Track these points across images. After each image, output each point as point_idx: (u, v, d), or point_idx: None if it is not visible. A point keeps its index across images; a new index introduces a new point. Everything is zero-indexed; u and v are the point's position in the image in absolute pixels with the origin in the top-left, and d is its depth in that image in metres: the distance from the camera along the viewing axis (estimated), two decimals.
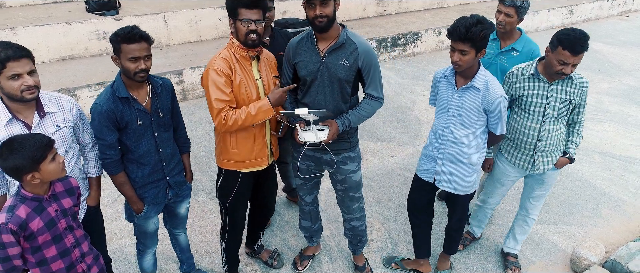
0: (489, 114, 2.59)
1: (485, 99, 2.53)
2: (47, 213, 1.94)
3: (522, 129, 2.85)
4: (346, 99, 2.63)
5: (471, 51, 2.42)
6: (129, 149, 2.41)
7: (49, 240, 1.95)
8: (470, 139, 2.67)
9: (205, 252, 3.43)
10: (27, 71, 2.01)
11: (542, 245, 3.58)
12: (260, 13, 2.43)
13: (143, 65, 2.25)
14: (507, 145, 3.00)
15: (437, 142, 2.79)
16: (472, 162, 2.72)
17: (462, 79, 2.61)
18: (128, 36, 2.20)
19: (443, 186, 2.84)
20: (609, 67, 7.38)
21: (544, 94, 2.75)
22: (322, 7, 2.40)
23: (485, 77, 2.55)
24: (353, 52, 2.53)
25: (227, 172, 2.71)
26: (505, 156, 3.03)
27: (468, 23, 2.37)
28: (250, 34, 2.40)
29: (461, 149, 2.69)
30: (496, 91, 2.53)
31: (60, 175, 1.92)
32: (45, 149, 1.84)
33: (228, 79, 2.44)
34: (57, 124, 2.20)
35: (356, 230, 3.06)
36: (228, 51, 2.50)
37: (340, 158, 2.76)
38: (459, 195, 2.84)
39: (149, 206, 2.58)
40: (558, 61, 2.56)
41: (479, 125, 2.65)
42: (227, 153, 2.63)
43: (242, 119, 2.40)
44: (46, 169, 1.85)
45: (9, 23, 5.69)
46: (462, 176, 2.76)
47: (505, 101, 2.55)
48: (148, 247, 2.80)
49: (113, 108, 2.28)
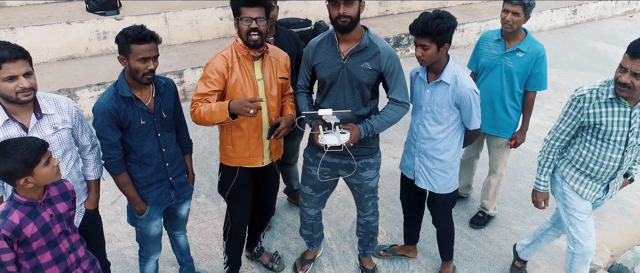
0: (460, 108, 2.58)
1: (455, 93, 2.52)
2: (41, 218, 1.89)
3: (599, 160, 2.47)
4: (366, 103, 2.59)
5: (431, 45, 2.41)
6: (132, 149, 2.38)
7: (43, 245, 1.90)
8: (444, 136, 2.66)
9: (205, 255, 3.38)
10: (23, 73, 1.97)
11: (547, 249, 3.52)
12: (262, 11, 2.39)
13: (152, 65, 2.23)
14: (575, 173, 2.61)
15: (413, 139, 2.80)
16: (448, 158, 2.70)
17: (433, 75, 2.61)
18: (138, 37, 2.17)
19: (422, 184, 2.82)
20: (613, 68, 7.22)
21: (625, 120, 2.36)
22: (345, 6, 2.35)
23: (454, 71, 2.54)
24: (375, 55, 2.48)
25: (225, 167, 2.75)
26: (571, 185, 2.62)
27: (426, 18, 2.39)
28: (251, 32, 2.37)
29: (435, 145, 2.69)
30: (465, 84, 2.51)
31: (54, 179, 1.88)
32: (38, 152, 1.79)
33: (220, 77, 2.45)
34: (55, 126, 2.16)
35: (369, 226, 3.02)
36: (231, 49, 2.50)
37: (360, 164, 2.71)
38: (439, 195, 2.81)
39: (152, 207, 2.54)
40: (618, 68, 2.26)
41: (451, 120, 2.62)
42: (225, 149, 2.68)
43: (203, 112, 2.38)
44: (40, 174, 1.81)
45: (9, 23, 5.66)
46: (440, 173, 2.73)
47: (475, 94, 2.53)
48: (151, 254, 2.76)
49: (116, 107, 2.25)
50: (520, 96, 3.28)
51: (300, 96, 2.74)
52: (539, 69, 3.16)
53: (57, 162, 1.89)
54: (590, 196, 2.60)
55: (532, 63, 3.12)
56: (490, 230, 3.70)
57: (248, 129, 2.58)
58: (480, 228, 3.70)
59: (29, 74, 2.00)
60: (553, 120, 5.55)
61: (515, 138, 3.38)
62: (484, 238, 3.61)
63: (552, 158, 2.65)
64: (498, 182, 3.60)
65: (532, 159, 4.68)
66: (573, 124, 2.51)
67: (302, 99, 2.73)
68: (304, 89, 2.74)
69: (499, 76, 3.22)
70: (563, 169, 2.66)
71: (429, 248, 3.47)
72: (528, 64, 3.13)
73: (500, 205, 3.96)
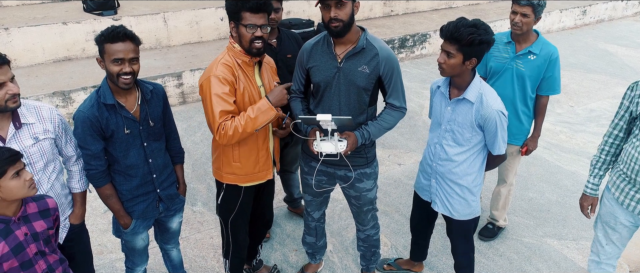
0: (484, 130, 2.34)
1: (479, 114, 2.28)
2: (14, 236, 1.73)
3: None
4: (363, 110, 2.41)
5: (457, 54, 2.17)
6: (116, 159, 2.23)
7: (15, 266, 1.74)
8: (464, 158, 2.41)
9: (201, 268, 3.22)
10: (9, 78, 1.86)
11: (560, 262, 3.34)
12: (266, 17, 2.22)
13: (127, 68, 2.05)
14: (617, 178, 2.38)
15: (430, 159, 2.56)
16: (467, 184, 2.46)
17: (456, 90, 2.37)
18: (111, 35, 2.02)
19: (439, 208, 2.60)
20: (624, 70, 7.10)
21: None
22: (337, 8, 2.19)
23: (479, 89, 2.30)
24: (373, 57, 2.31)
25: (228, 187, 2.50)
26: (612, 192, 2.40)
27: (460, 23, 2.15)
28: (255, 41, 2.19)
29: (453, 168, 2.44)
30: (491, 104, 2.26)
31: (26, 194, 1.72)
32: (4, 163, 1.64)
33: (232, 87, 2.23)
34: (36, 136, 2.01)
35: (370, 240, 2.86)
36: (229, 56, 2.29)
37: (356, 175, 2.54)
38: (457, 220, 2.57)
39: (137, 221, 2.39)
40: None
41: (474, 142, 2.38)
42: (230, 167, 2.43)
43: (242, 126, 2.18)
44: (7, 187, 1.65)
45: (3, 23, 5.51)
46: (458, 198, 2.50)
47: (502, 117, 2.27)
48: (137, 265, 2.61)
49: (97, 115, 2.09)
50: (532, 100, 3.10)
51: (294, 101, 2.56)
52: (552, 72, 2.98)
53: (31, 176, 1.72)
54: (628, 205, 2.31)
55: (545, 66, 2.95)
56: (500, 242, 3.52)
57: (257, 142, 2.40)
58: (490, 240, 3.52)
59: (13, 79, 1.89)
60: (563, 125, 5.36)
61: (526, 144, 3.20)
62: (494, 252, 3.43)
63: (603, 157, 2.44)
64: (508, 192, 3.42)
65: (543, 166, 4.49)
66: (625, 116, 2.30)
67: (296, 105, 2.55)
68: (298, 94, 2.57)
69: (510, 81, 3.04)
70: (611, 177, 2.43)
71: (435, 262, 3.29)
72: (540, 67, 2.95)
73: (510, 215, 3.78)
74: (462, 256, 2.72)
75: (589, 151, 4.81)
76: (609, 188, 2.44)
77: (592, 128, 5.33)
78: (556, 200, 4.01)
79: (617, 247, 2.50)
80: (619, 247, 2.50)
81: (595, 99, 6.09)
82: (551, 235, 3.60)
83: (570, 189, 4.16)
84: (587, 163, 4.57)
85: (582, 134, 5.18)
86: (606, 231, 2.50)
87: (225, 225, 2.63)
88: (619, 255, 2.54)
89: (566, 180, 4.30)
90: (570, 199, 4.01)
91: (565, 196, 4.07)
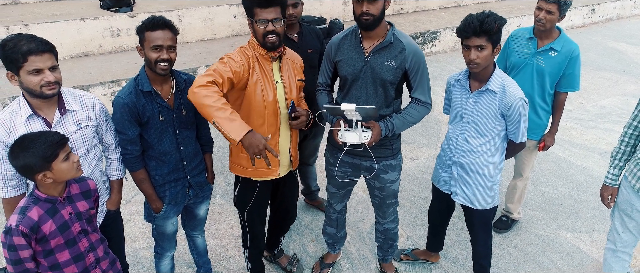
0: (507, 119, 2.40)
1: (503, 103, 2.34)
2: (60, 215, 1.82)
3: None
4: (389, 103, 2.48)
5: (488, 45, 2.25)
6: (151, 145, 2.32)
7: (61, 243, 1.83)
8: (486, 148, 2.48)
9: (222, 257, 3.30)
10: (48, 67, 1.92)
11: (573, 254, 3.40)
12: (278, 11, 2.25)
13: (165, 55, 2.15)
14: (634, 167, 2.43)
15: (451, 152, 2.61)
16: (489, 173, 2.53)
17: (477, 83, 2.43)
18: (151, 23, 2.13)
19: (459, 199, 2.65)
20: (634, 68, 7.14)
21: None
22: (369, 3, 2.25)
23: (501, 79, 2.36)
24: (400, 52, 2.37)
25: (244, 180, 2.58)
26: (629, 180, 2.45)
27: (480, 16, 2.23)
28: (268, 35, 2.25)
29: (475, 158, 2.51)
30: (514, 93, 2.33)
31: (74, 175, 1.81)
32: (56, 147, 1.72)
33: (242, 71, 2.23)
34: (79, 122, 2.10)
35: (389, 233, 2.93)
36: (249, 48, 2.36)
37: (381, 166, 2.60)
38: (478, 210, 2.63)
39: (168, 206, 2.47)
40: None
41: (496, 132, 2.45)
42: (237, 157, 2.50)
43: (208, 106, 1.98)
44: (59, 169, 1.74)
45: (23, 19, 5.63)
46: (480, 188, 2.56)
47: (524, 104, 2.35)
48: (166, 250, 2.69)
49: (135, 102, 2.19)
50: (550, 96, 3.15)
51: (321, 94, 2.63)
52: (572, 69, 3.03)
53: (78, 157, 1.82)
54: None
55: (565, 63, 3.00)
56: (514, 234, 3.58)
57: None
58: (504, 232, 3.58)
59: (54, 68, 1.95)
60: (574, 121, 5.41)
61: (544, 140, 3.26)
62: (508, 243, 3.49)
63: (623, 148, 2.51)
64: (524, 185, 3.48)
65: (556, 162, 4.55)
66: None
67: (322, 97, 2.62)
68: (325, 87, 2.64)
69: (530, 76, 3.09)
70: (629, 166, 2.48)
71: (451, 252, 3.36)
72: (561, 63, 3.00)
73: (523, 208, 3.84)
74: (483, 246, 2.77)
75: (600, 147, 4.87)
76: (626, 176, 2.50)
77: (603, 124, 5.38)
78: (568, 194, 4.07)
79: (633, 235, 2.56)
80: (635, 235, 2.56)
81: (605, 97, 6.13)
82: (564, 227, 3.66)
83: (582, 184, 4.21)
84: (598, 158, 4.63)
85: (592, 130, 5.23)
86: (623, 219, 2.56)
87: (242, 216, 2.71)
88: (636, 243, 2.60)
89: (578, 174, 4.36)
90: (582, 193, 4.07)
91: (577, 190, 4.12)
